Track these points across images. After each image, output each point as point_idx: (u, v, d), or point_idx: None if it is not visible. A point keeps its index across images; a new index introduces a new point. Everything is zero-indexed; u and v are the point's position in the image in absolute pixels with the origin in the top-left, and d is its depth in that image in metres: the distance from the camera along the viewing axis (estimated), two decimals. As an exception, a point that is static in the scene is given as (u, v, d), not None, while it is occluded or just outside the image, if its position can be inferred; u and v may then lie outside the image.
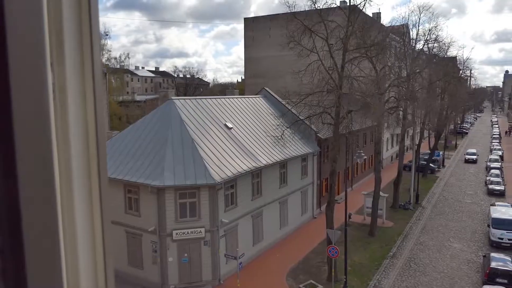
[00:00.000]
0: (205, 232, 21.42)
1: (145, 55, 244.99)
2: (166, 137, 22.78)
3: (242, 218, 23.97)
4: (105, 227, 0.93)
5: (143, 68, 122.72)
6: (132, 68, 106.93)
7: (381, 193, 29.97)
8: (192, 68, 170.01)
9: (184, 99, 26.88)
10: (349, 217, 28.51)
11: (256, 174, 25.16)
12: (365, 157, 30.62)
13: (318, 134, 31.56)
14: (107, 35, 59.04)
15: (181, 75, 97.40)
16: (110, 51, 65.78)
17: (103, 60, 58.80)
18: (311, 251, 26.06)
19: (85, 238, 0.87)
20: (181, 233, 21.13)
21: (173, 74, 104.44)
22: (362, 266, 24.06)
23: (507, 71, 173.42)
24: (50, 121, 0.73)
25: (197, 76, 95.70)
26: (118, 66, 67.38)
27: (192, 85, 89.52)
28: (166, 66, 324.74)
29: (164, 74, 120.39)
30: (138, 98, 72.58)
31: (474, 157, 56.18)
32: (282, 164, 27.93)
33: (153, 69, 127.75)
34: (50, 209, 0.75)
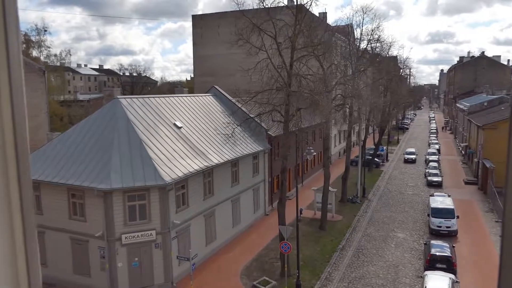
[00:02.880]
0: (156, 235, 20.87)
1: (87, 53, 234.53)
2: (112, 138, 21.88)
3: (194, 219, 23.63)
4: (29, 233, 0.82)
5: (85, 66, 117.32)
6: (73, 65, 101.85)
7: (330, 188, 30.88)
8: (139, 66, 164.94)
9: (130, 98, 25.96)
10: (301, 213, 29.11)
11: (207, 173, 24.91)
12: (315, 153, 31.40)
13: (268, 132, 31.88)
14: (45, 30, 55.69)
15: (127, 73, 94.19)
16: (49, 47, 62.01)
17: (42, 57, 55.42)
18: (264, 248, 26.30)
19: (1, 246, 0.76)
20: (130, 237, 20.42)
21: (118, 72, 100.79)
22: (313, 259, 24.65)
23: (442, 70, 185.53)
24: None
25: (144, 74, 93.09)
26: (58, 64, 63.74)
27: (139, 84, 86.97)
28: (111, 64, 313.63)
29: (109, 72, 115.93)
30: (81, 97, 69.35)
31: (413, 156, 55.08)
32: (234, 163, 27.89)
33: (97, 67, 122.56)
34: None
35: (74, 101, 62.03)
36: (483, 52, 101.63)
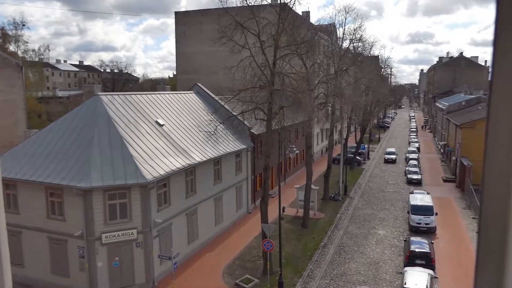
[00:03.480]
0: (137, 234, 20.61)
1: (67, 48, 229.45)
2: (92, 135, 21.48)
3: (176, 217, 23.44)
4: None
5: (65, 61, 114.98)
6: (53, 61, 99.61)
7: (312, 186, 31.07)
8: (120, 62, 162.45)
9: (111, 94, 25.53)
10: (283, 211, 29.22)
11: (189, 171, 24.72)
12: (297, 151, 31.54)
13: (251, 130, 31.85)
14: (24, 25, 54.18)
15: (108, 70, 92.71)
16: (27, 42, 60.35)
17: (19, 52, 53.98)
18: (246, 246, 26.30)
19: None
20: (111, 236, 20.11)
21: (99, 69, 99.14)
22: (296, 257, 24.77)
23: (422, 70, 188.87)
24: None
25: (126, 71, 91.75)
26: (36, 59, 62.17)
27: (120, 80, 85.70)
28: (91, 60, 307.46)
29: (89, 68, 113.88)
30: (60, 93, 67.93)
31: (393, 156, 54.42)
32: (216, 161, 27.77)
33: (77, 63, 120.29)
34: None
35: (53, 98, 60.72)
36: (461, 53, 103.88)
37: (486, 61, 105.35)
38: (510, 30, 0.73)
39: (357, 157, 50.77)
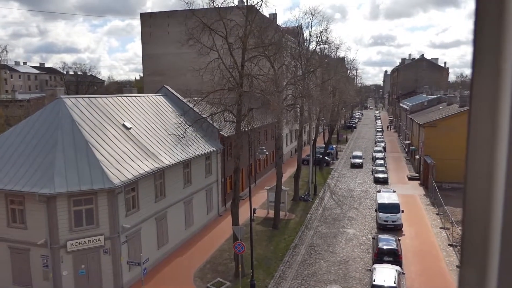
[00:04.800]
0: (104, 240, 20.01)
1: (26, 50, 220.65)
2: (56, 140, 20.68)
3: (145, 222, 22.95)
4: None
5: (25, 63, 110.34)
6: (11, 63, 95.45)
7: (282, 187, 31.26)
8: (84, 64, 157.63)
9: (75, 97, 24.69)
10: (254, 212, 29.17)
11: (158, 175, 24.28)
12: (267, 153, 31.66)
13: (221, 132, 31.69)
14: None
15: (71, 72, 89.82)
16: (-18, 43, 57.50)
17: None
18: (217, 249, 26.11)
19: None
20: (76, 243, 19.43)
21: (61, 71, 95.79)
22: (267, 259, 24.83)
23: (386, 71, 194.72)
24: None
25: (90, 73, 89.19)
26: (-7, 61, 59.33)
27: (84, 83, 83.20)
28: (53, 62, 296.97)
29: (51, 70, 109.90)
30: (20, 97, 65.18)
31: (360, 161, 53.35)
32: (186, 164, 27.43)
33: (38, 65, 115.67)
34: None
35: (12, 101, 58.15)
36: (422, 55, 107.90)
37: (445, 62, 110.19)
38: (491, 27, 0.73)
39: (325, 157, 51.55)
